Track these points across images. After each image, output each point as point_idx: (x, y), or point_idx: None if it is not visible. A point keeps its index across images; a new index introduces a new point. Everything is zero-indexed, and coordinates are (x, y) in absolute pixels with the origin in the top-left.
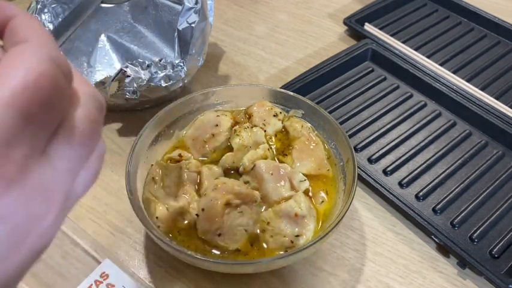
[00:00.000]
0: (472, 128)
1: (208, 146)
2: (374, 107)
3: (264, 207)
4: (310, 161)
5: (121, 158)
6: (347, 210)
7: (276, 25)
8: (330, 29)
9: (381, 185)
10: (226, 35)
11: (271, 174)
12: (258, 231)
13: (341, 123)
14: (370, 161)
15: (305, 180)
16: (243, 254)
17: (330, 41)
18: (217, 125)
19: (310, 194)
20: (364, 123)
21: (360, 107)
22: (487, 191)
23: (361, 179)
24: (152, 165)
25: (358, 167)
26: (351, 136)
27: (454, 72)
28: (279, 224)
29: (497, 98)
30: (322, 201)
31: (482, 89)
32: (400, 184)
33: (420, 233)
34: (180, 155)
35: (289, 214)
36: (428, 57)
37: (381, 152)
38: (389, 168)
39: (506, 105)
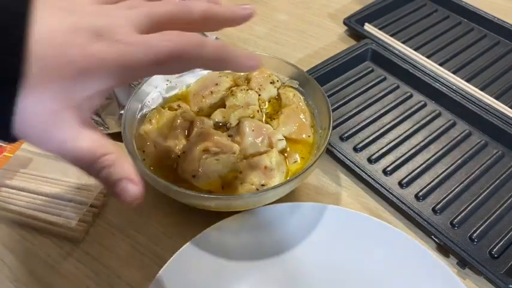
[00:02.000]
0: (472, 128)
1: (206, 101)
2: (374, 107)
3: (241, 159)
4: (294, 126)
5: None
6: (314, 163)
7: (276, 25)
8: (330, 29)
9: (380, 185)
10: (226, 35)
11: (253, 130)
12: (231, 178)
13: (341, 123)
14: (370, 161)
15: (283, 139)
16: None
17: (330, 41)
18: (217, 84)
19: (286, 154)
20: (364, 123)
21: (360, 107)
22: (487, 191)
23: (361, 179)
24: (152, 109)
25: (358, 167)
26: (350, 136)
27: (454, 72)
28: (249, 174)
29: (497, 98)
30: (295, 162)
31: (482, 89)
32: (400, 184)
33: (420, 233)
34: (178, 105)
35: (259, 166)
36: (428, 57)
37: (380, 152)
38: (389, 168)
39: (506, 105)
